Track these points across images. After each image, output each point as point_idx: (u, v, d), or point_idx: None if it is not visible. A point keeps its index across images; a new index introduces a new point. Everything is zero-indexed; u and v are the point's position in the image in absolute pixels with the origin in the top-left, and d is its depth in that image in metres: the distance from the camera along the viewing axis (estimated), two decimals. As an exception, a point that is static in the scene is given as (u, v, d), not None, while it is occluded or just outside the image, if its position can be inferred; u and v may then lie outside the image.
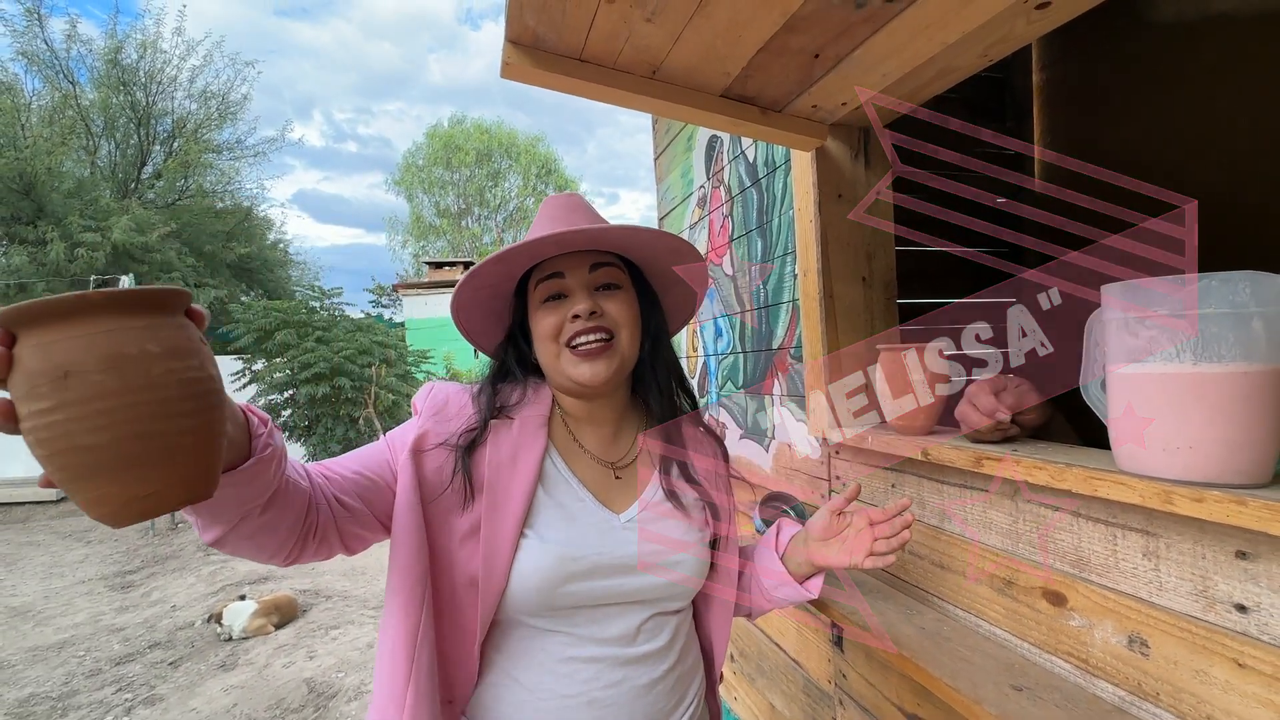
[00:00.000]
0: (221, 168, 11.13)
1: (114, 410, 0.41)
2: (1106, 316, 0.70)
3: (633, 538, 0.79)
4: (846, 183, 1.19)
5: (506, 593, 0.72)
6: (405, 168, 24.45)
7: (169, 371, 0.43)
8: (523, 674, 0.75)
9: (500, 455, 0.77)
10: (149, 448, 0.42)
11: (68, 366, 0.40)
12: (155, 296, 0.44)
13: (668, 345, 0.90)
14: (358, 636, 3.80)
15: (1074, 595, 0.76)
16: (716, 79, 0.99)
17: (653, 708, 0.77)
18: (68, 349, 0.40)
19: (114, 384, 0.41)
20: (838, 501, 0.87)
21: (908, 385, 0.99)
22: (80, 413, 0.40)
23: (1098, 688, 0.74)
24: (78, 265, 7.98)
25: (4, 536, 6.71)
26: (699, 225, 1.92)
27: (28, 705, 3.12)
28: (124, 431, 0.41)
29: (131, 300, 0.43)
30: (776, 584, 0.89)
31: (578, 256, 0.81)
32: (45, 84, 9.71)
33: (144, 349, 0.42)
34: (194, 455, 0.45)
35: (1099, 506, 0.73)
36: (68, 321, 0.41)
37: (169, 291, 0.45)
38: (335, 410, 7.13)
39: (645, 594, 0.78)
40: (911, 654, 0.85)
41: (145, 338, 0.42)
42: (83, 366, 0.40)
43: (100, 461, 0.41)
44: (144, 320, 0.43)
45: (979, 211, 2.02)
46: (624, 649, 0.76)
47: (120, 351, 0.41)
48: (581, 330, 0.78)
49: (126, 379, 0.41)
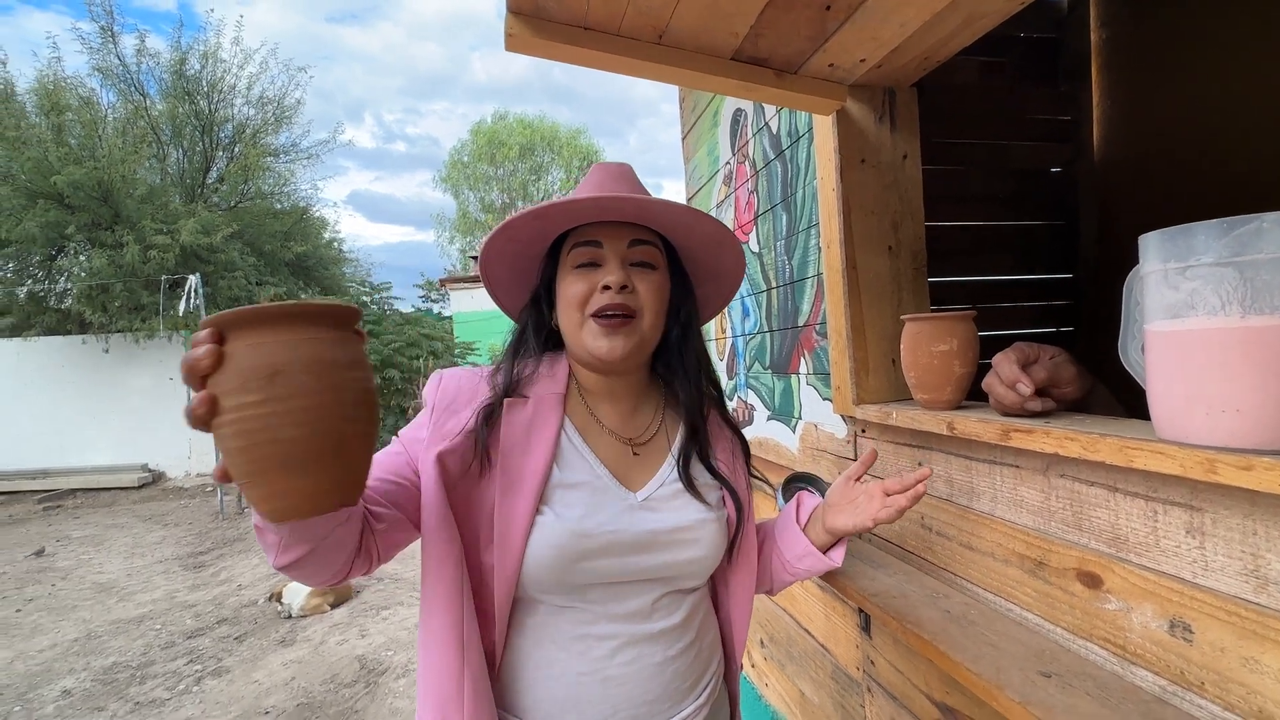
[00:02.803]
0: (279, 171, 11.59)
1: (311, 409, 0.46)
2: (1145, 270, 0.63)
3: (649, 515, 0.77)
4: (870, 147, 1.13)
5: (522, 571, 0.72)
6: (451, 165, 24.97)
7: (354, 379, 0.49)
8: (537, 650, 0.74)
9: (514, 435, 0.76)
10: (332, 445, 0.47)
11: (277, 366, 0.45)
12: (341, 313, 0.50)
13: (698, 334, 0.87)
14: (406, 617, 3.94)
15: (1110, 577, 0.71)
16: (725, 40, 0.95)
17: (668, 685, 0.76)
18: (276, 350, 0.45)
19: (313, 384, 0.46)
20: (853, 468, 0.86)
21: (933, 357, 0.94)
22: (285, 408, 0.45)
23: (1136, 676, 0.68)
24: (150, 266, 8.48)
25: (92, 519, 7.27)
26: (725, 203, 1.88)
27: (111, 673, 3.37)
28: (319, 428, 0.46)
29: (325, 314, 0.48)
30: (800, 555, 0.87)
31: (618, 228, 0.78)
32: (119, 97, 10.33)
33: (335, 357, 0.48)
34: (360, 457, 0.50)
35: (1137, 480, 0.67)
36: (276, 327, 0.46)
37: (350, 310, 0.50)
38: (386, 401, 7.37)
39: (660, 572, 0.76)
40: (933, 637, 0.81)
41: (336, 348, 0.48)
42: (290, 367, 0.45)
43: (292, 454, 0.46)
44: (334, 333, 0.48)
45: (1026, 182, 1.90)
46: (639, 626, 0.75)
47: (319, 356, 0.47)
48: (609, 304, 0.75)
49: (323, 381, 0.46)
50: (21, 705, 3.07)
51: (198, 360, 0.45)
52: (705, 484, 0.83)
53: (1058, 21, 1.93)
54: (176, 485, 9.09)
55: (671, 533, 0.77)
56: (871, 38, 0.92)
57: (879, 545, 1.16)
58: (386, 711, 2.89)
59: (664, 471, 0.82)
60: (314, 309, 0.47)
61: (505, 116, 24.90)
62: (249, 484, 0.47)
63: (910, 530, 1.06)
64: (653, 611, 0.76)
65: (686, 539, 0.78)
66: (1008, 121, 1.82)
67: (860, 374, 1.15)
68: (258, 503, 0.48)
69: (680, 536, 0.77)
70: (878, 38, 0.92)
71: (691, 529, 0.78)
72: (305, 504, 0.47)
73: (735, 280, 0.91)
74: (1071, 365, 0.82)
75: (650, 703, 0.74)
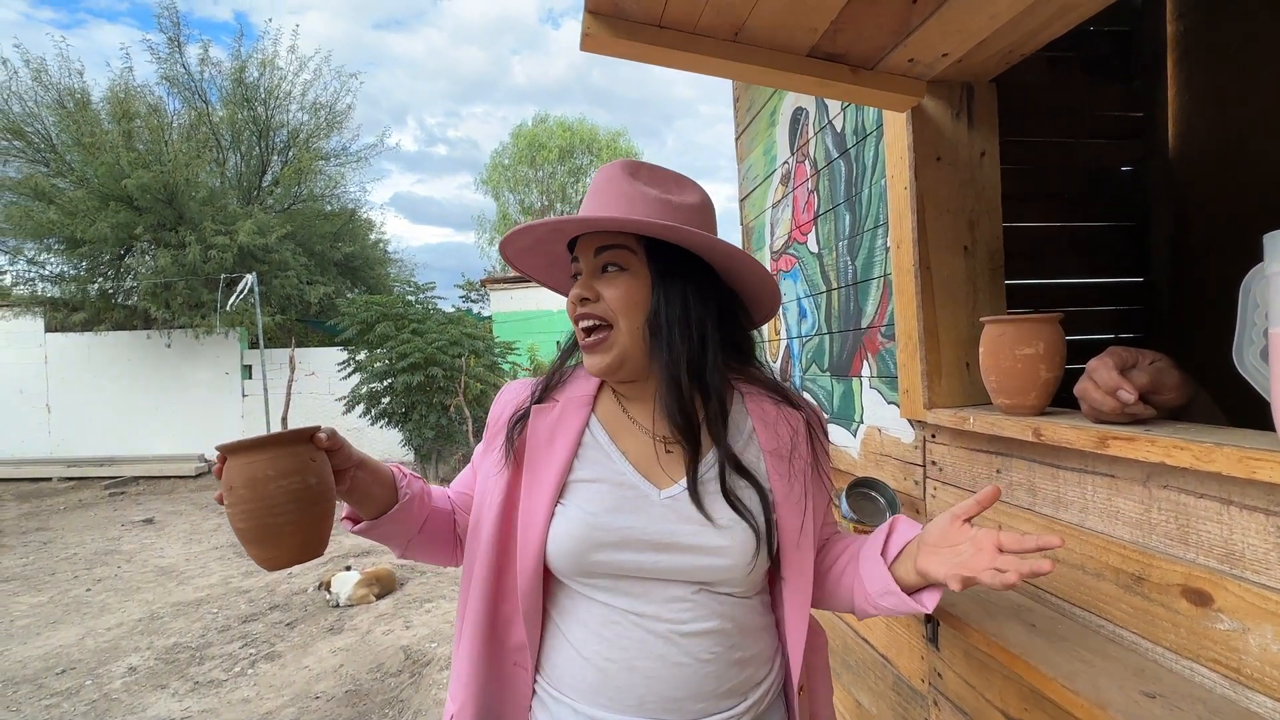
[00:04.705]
0: (329, 174, 12.00)
1: (249, 511, 0.68)
2: (1271, 270, 0.60)
3: (670, 514, 0.75)
4: (946, 144, 1.10)
5: (547, 559, 0.77)
6: (492, 167, 25.39)
7: (280, 488, 0.68)
8: (572, 631, 0.77)
9: (538, 438, 0.80)
10: (267, 532, 0.68)
11: (232, 482, 0.68)
12: (278, 438, 0.69)
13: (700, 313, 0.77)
14: (449, 610, 4.01)
15: (1222, 595, 0.67)
16: (802, 36, 0.94)
17: (701, 687, 0.74)
18: (233, 471, 0.68)
19: (249, 494, 0.67)
20: (964, 506, 0.72)
21: (1016, 360, 0.90)
22: (238, 510, 0.68)
23: (1253, 701, 0.64)
24: (210, 265, 8.90)
25: (154, 505, 7.63)
26: (782, 203, 1.85)
27: (172, 653, 3.53)
28: (254, 522, 0.68)
29: (264, 442, 0.69)
30: (881, 591, 0.77)
31: (589, 238, 0.79)
32: (184, 104, 10.87)
33: (265, 473, 0.68)
34: (295, 536, 0.70)
35: (1258, 493, 0.63)
36: (236, 455, 0.69)
37: (289, 433, 0.70)
38: (429, 398, 7.52)
39: (687, 574, 0.75)
40: (1022, 651, 0.77)
41: (268, 466, 0.68)
42: (237, 483, 0.68)
43: (247, 536, 0.69)
44: (268, 454, 0.69)
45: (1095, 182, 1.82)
46: (670, 624, 0.74)
47: (253, 476, 0.68)
48: (578, 317, 0.79)
49: (255, 491, 0.68)
50: (92, 679, 3.24)
51: (215, 470, 0.70)
52: (740, 485, 0.77)
53: (1131, 14, 1.85)
54: (230, 475, 9.47)
55: (694, 534, 0.74)
56: (958, 30, 0.90)
57: (949, 554, 1.12)
58: (431, 702, 2.94)
59: (696, 468, 0.77)
60: (251, 442, 0.68)
61: (546, 120, 25.19)
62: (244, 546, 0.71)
63: (986, 540, 1.03)
64: (685, 611, 0.75)
65: (710, 545, 0.74)
66: (1076, 118, 1.74)
67: (932, 377, 1.12)
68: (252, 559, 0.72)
69: (703, 540, 0.74)
70: (964, 30, 0.89)
71: (718, 533, 0.74)
72: (269, 563, 0.70)
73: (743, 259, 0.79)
74: (1175, 371, 0.78)
75: (680, 700, 0.73)
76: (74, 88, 10.06)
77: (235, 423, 10.04)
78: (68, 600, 4.43)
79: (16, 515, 7.28)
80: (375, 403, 7.67)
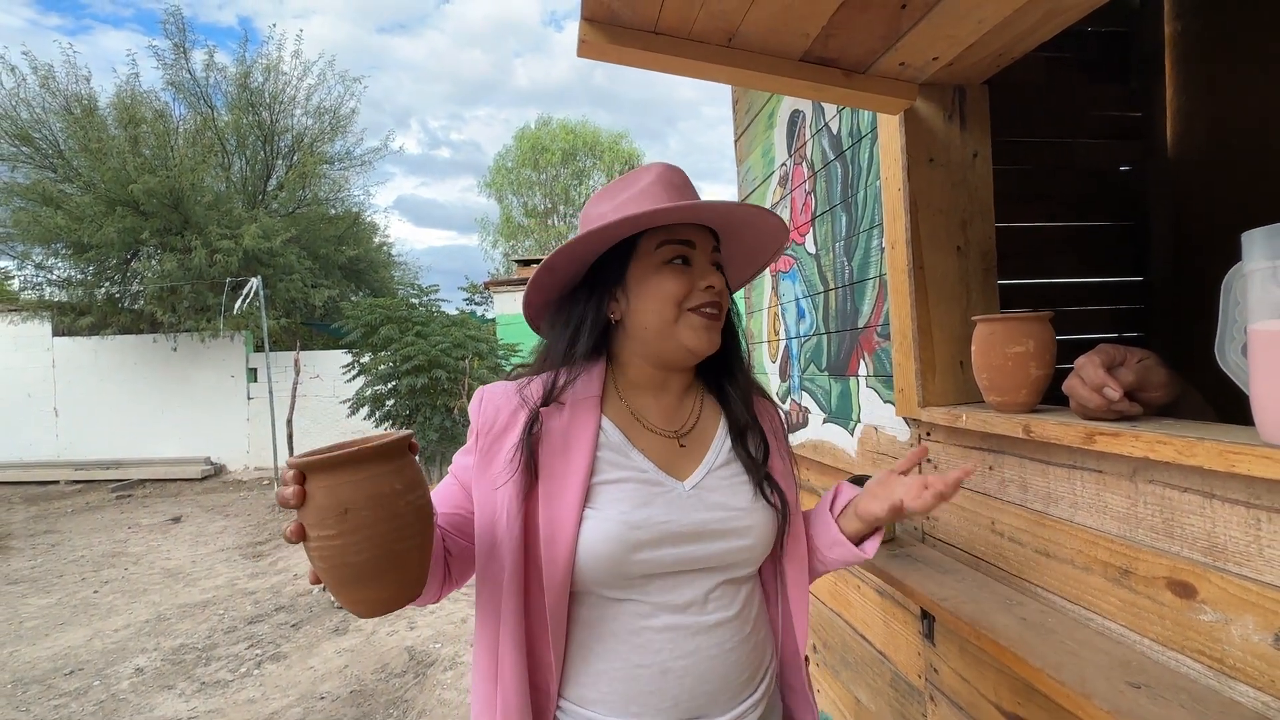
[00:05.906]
0: (333, 177, 12.07)
1: (374, 537, 0.55)
2: (1249, 268, 0.61)
3: (699, 503, 0.78)
4: (939, 145, 1.11)
5: (577, 568, 0.72)
6: (495, 170, 25.45)
7: (409, 503, 0.57)
8: (598, 644, 0.75)
9: (552, 443, 0.76)
10: (392, 562, 0.56)
11: (346, 504, 0.54)
12: (396, 445, 0.58)
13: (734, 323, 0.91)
14: (452, 612, 4.03)
15: (1206, 586, 0.68)
16: (795, 41, 0.96)
17: (727, 677, 0.76)
18: (345, 491, 0.54)
19: (376, 516, 0.55)
20: (901, 464, 0.84)
21: (1007, 358, 0.92)
22: (355, 539, 0.54)
23: (1235, 691, 0.65)
24: (215, 269, 8.96)
25: (160, 508, 7.68)
26: (780, 204, 1.87)
27: (179, 654, 3.56)
28: (380, 552, 0.55)
29: (382, 451, 0.56)
30: (829, 543, 0.87)
31: (702, 231, 0.82)
32: (189, 109, 10.95)
33: (394, 488, 0.56)
34: (417, 563, 0.59)
35: (1238, 486, 0.65)
36: (344, 470, 0.55)
37: (402, 440, 0.58)
38: (433, 400, 7.55)
39: (714, 561, 0.77)
40: (1010, 644, 0.79)
41: (394, 478, 0.56)
42: (356, 504, 0.54)
43: (361, 574, 0.56)
44: (392, 464, 0.57)
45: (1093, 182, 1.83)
46: (696, 618, 0.76)
47: (380, 491, 0.55)
48: (712, 301, 0.80)
49: (383, 511, 0.55)
50: (100, 680, 3.27)
51: (286, 499, 0.56)
52: (752, 467, 0.84)
53: (1128, 14, 1.86)
54: (236, 478, 9.53)
55: (724, 519, 0.77)
56: (947, 35, 0.91)
57: (946, 551, 1.14)
58: (435, 702, 2.96)
59: (710, 457, 0.82)
60: (372, 451, 0.55)
61: (549, 122, 25.26)
62: (334, 593, 0.58)
63: (980, 536, 1.04)
64: (708, 603, 0.77)
65: (739, 526, 0.78)
66: (1074, 119, 1.76)
67: (926, 376, 1.13)
68: (345, 605, 0.59)
69: (732, 524, 0.78)
70: (953, 35, 0.91)
71: (742, 514, 0.79)
72: (379, 607, 0.59)
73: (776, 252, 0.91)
74: (1162, 369, 0.79)
75: (710, 694, 0.75)
76: (81, 94, 10.15)
77: (241, 426, 10.09)
78: (76, 602, 4.47)
79: (25, 518, 7.34)
80: (379, 405, 7.70)
